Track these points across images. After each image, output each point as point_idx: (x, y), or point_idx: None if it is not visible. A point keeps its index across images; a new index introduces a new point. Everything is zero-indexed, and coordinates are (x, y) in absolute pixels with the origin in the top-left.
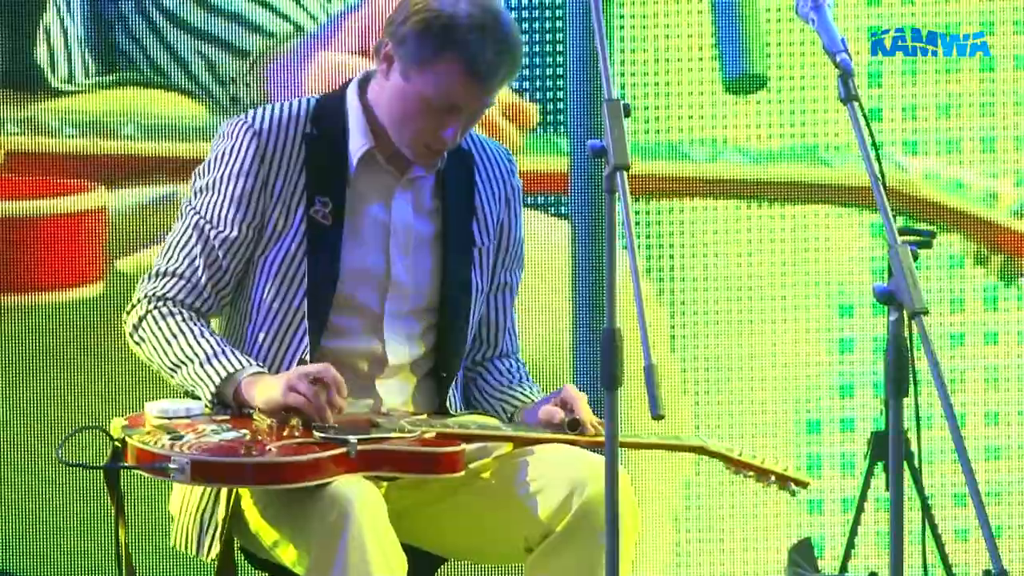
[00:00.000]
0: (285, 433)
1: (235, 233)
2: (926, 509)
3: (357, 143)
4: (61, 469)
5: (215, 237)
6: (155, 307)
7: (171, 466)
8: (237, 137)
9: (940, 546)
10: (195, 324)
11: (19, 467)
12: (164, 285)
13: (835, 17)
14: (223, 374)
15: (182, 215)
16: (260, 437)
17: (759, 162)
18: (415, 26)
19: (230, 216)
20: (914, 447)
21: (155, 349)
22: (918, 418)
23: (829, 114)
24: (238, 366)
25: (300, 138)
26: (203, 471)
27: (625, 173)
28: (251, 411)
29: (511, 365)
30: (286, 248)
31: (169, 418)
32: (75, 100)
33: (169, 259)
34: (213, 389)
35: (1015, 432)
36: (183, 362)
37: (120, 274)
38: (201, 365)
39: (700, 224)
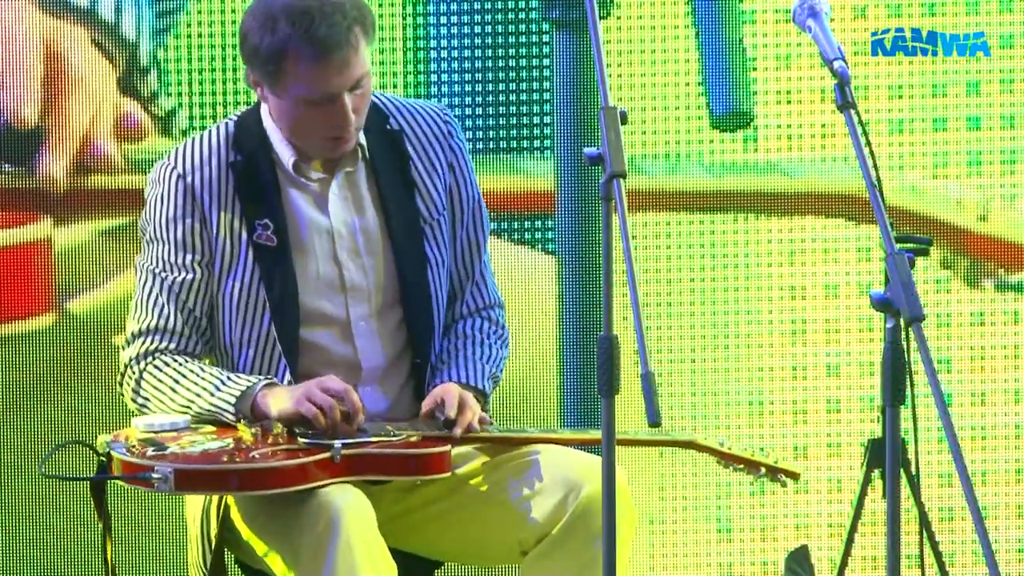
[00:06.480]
0: (269, 440)
1: (191, 275)
2: (923, 516)
3: (285, 155)
4: (43, 493)
5: (176, 283)
6: (147, 363)
7: (154, 476)
8: (164, 182)
9: (938, 555)
10: (193, 363)
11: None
12: (146, 343)
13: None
14: (237, 393)
15: (139, 273)
16: (244, 445)
17: (721, 175)
18: (251, 45)
19: (181, 260)
20: (911, 455)
21: (163, 400)
22: (916, 425)
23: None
24: (250, 382)
25: (225, 168)
26: (187, 480)
27: (622, 181)
28: (269, 422)
29: (472, 324)
30: (240, 279)
31: (155, 431)
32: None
33: (141, 319)
34: (233, 411)
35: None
36: (193, 399)
37: (71, 310)
38: (212, 395)
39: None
